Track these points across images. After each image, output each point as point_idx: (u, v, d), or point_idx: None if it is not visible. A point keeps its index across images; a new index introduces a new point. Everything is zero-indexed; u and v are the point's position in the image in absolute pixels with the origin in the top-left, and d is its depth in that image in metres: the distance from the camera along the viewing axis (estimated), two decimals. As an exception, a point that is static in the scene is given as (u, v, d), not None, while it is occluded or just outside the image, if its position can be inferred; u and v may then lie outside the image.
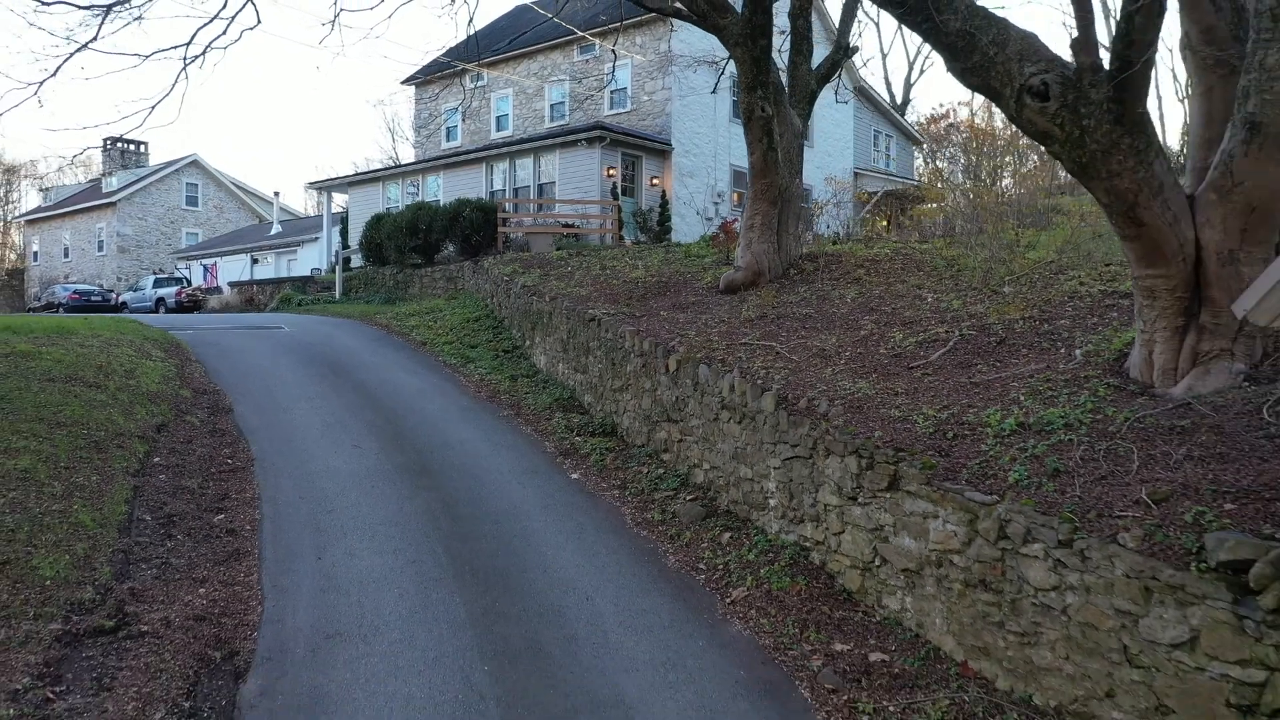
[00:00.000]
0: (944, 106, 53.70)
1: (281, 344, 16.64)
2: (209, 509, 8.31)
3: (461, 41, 21.37)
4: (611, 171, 22.90)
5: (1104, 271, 9.47)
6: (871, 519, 6.52)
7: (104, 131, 59.51)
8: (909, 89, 48.65)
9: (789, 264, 12.90)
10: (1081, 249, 10.94)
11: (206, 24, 9.37)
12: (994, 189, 20.48)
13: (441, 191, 26.38)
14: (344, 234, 29.14)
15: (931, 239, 14.87)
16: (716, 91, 22.59)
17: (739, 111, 13.66)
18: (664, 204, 23.73)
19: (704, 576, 7.31)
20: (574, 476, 9.71)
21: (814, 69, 14.54)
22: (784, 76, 13.90)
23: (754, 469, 8.13)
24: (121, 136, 46.87)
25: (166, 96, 9.39)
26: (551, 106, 26.94)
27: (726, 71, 17.57)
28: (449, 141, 29.94)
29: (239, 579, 6.94)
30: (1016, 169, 24.48)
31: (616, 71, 20.21)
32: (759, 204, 12.73)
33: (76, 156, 57.30)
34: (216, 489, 8.84)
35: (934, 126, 39.18)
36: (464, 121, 28.78)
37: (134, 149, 48.33)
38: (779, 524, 7.69)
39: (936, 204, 22.74)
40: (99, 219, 45.49)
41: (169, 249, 45.28)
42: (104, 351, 12.79)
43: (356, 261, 27.72)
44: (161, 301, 32.32)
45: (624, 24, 21.03)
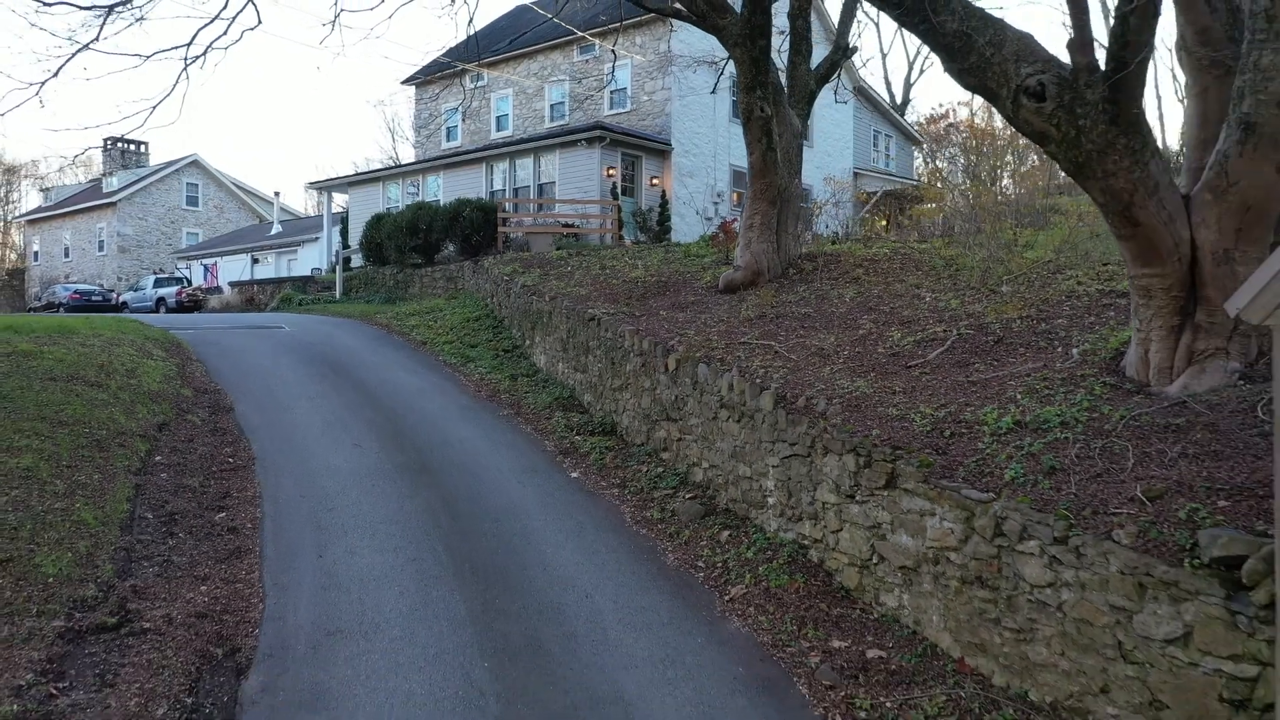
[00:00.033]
0: (944, 106, 53.86)
1: (282, 343, 16.69)
2: (210, 507, 8.35)
3: (461, 42, 21.41)
4: (611, 171, 22.94)
5: (1101, 271, 9.51)
6: (869, 517, 6.56)
7: (105, 131, 59.69)
8: (909, 89, 48.72)
9: (788, 264, 12.94)
10: (1079, 249, 10.98)
11: (207, 24, 9.44)
12: (993, 189, 20.52)
13: (441, 191, 26.43)
14: (344, 234, 29.18)
15: (930, 239, 14.91)
16: (716, 91, 22.64)
17: (738, 111, 13.71)
18: (664, 204, 23.77)
19: (703, 574, 7.35)
20: (574, 475, 9.75)
21: (813, 69, 14.58)
22: (783, 77, 13.95)
23: (753, 467, 8.17)
24: (122, 136, 46.93)
25: (168, 97, 9.45)
26: (551, 106, 26.99)
27: (726, 72, 17.61)
28: (449, 141, 29.99)
29: (240, 576, 6.98)
30: (1016, 169, 24.53)
31: (616, 71, 20.28)
32: (758, 204, 12.77)
33: (77, 156, 57.43)
34: (218, 487, 8.88)
35: (933, 126, 39.25)
36: (464, 121, 28.83)
37: (134, 149, 48.39)
38: (777, 522, 7.73)
39: (935, 204, 22.77)
40: (99, 219, 45.53)
41: (169, 249, 45.32)
42: (105, 351, 12.83)
43: (357, 261, 27.76)
44: (162, 301, 32.36)
45: (624, 24, 21.06)
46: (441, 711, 5.26)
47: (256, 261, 39.28)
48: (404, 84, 31.56)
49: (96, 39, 8.90)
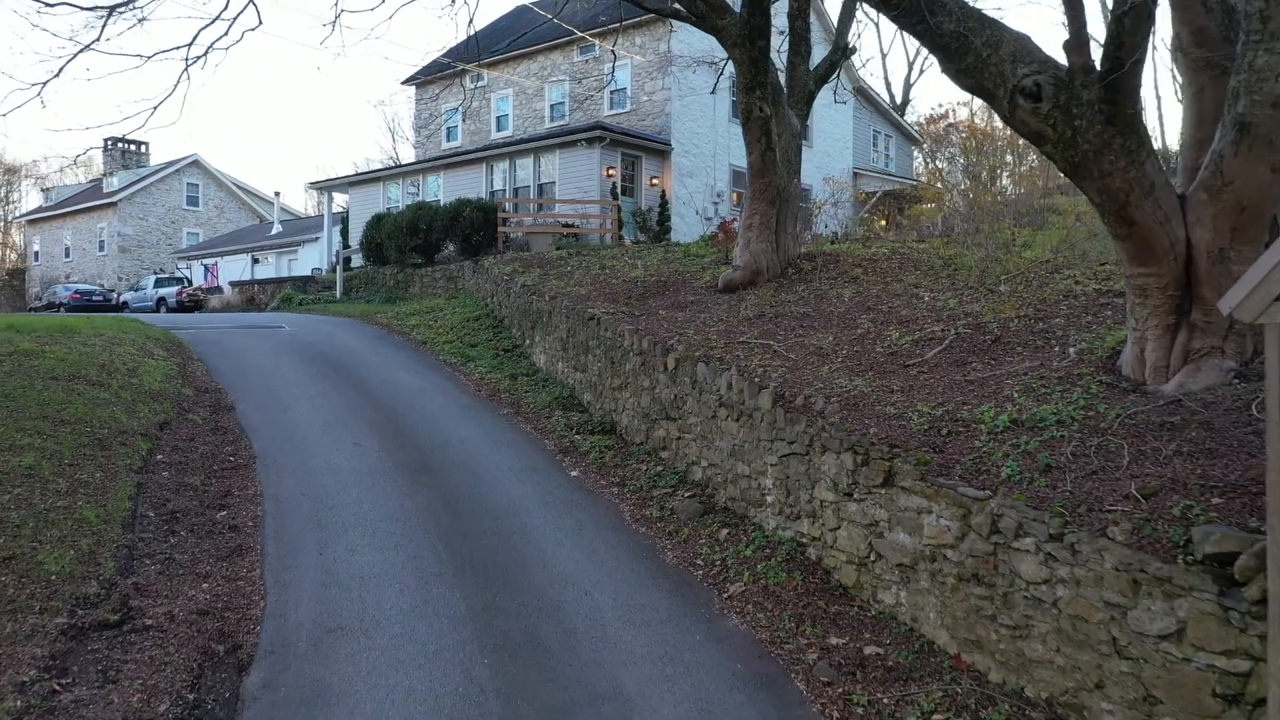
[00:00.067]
0: (943, 106, 53.91)
1: (283, 343, 16.73)
2: (212, 505, 8.39)
3: (461, 42, 21.46)
4: (611, 171, 22.98)
5: (1098, 270, 9.55)
6: (867, 515, 6.60)
7: (106, 132, 59.60)
8: (908, 89, 48.72)
9: (787, 263, 12.97)
10: (1077, 248, 11.02)
11: (208, 25, 9.46)
12: (992, 189, 20.55)
13: (441, 191, 26.46)
14: (344, 234, 29.21)
15: (929, 239, 14.95)
16: (715, 92, 22.67)
17: (738, 112, 13.74)
18: (663, 204, 23.81)
19: (702, 572, 7.39)
20: (573, 474, 9.79)
21: (812, 69, 14.60)
22: (782, 77, 13.97)
23: (751, 466, 8.21)
24: (123, 137, 46.96)
25: (168, 97, 9.47)
26: (551, 107, 27.02)
27: (725, 72, 17.64)
28: (449, 141, 30.02)
29: (242, 574, 7.02)
30: (1015, 169, 24.56)
31: (616, 72, 20.29)
32: (757, 204, 12.80)
33: (79, 157, 57.49)
34: (219, 486, 8.92)
35: (933, 126, 39.23)
36: (464, 122, 28.87)
37: (135, 149, 48.42)
38: (776, 520, 7.77)
39: (934, 204, 22.80)
40: (100, 219, 45.57)
41: (170, 249, 45.35)
42: (107, 350, 12.87)
43: (357, 261, 27.80)
44: (163, 301, 32.39)
45: (623, 24, 21.08)
46: (442, 708, 5.30)
47: (257, 261, 39.31)
48: (404, 84, 31.60)
49: (98, 39, 8.93)
